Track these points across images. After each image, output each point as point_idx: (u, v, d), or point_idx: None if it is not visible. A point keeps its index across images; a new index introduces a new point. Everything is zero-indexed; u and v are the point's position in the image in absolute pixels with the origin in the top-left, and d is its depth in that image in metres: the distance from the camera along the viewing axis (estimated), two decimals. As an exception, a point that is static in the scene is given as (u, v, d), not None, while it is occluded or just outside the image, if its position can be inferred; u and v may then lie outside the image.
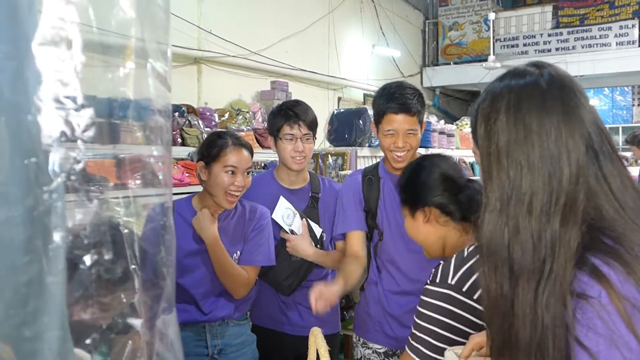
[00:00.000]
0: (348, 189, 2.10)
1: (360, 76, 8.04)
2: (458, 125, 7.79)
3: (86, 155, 0.68)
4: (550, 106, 0.84)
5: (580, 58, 8.80)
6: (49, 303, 0.56)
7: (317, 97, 6.98)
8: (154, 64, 0.66)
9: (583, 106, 0.85)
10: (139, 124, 0.69)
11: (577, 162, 0.81)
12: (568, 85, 0.87)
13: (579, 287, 0.76)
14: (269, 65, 5.94)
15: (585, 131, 0.83)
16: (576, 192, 0.80)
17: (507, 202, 0.83)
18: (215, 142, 1.93)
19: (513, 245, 0.82)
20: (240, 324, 2.05)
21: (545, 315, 0.77)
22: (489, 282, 0.86)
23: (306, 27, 6.63)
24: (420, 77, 10.19)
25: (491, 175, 0.86)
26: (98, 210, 0.68)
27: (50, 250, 0.56)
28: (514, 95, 0.86)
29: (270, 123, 2.19)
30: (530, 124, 0.83)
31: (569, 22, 9.22)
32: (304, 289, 2.16)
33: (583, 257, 0.77)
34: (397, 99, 1.90)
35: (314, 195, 2.21)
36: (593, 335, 0.73)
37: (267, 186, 2.21)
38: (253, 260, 2.01)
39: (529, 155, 0.82)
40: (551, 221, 0.79)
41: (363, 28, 8.10)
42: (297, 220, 2.13)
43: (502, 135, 0.85)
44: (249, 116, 4.93)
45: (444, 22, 10.38)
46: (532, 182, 0.81)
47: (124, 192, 0.69)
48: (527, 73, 0.89)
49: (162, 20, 0.68)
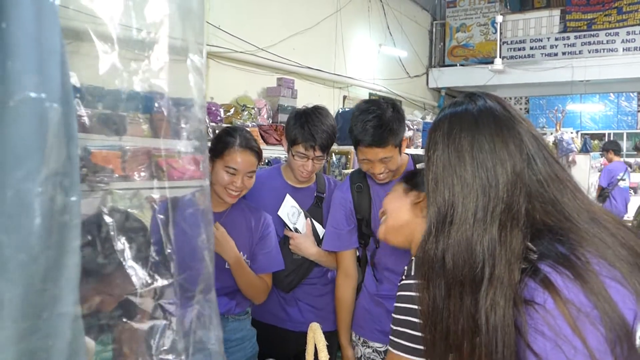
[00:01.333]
0: (337, 205, 2.08)
1: (366, 75, 8.05)
2: (462, 126, 7.80)
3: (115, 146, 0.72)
4: (482, 124, 0.90)
5: (587, 63, 8.80)
6: (65, 287, 0.58)
7: (322, 95, 6.99)
8: (193, 59, 0.69)
9: (515, 118, 0.91)
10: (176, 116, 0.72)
11: (513, 169, 0.86)
12: (500, 107, 0.93)
13: (527, 294, 0.80)
14: (276, 62, 5.96)
15: (518, 140, 0.89)
16: (514, 197, 0.85)
17: (442, 223, 0.89)
18: (222, 138, 1.92)
19: (445, 258, 0.88)
20: (240, 319, 2.06)
21: (491, 317, 0.81)
22: (422, 296, 0.93)
23: (314, 25, 6.64)
24: (426, 77, 10.19)
25: (430, 202, 0.93)
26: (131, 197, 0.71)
27: (68, 232, 0.58)
28: (448, 123, 0.93)
29: (286, 128, 2.12)
30: (462, 145, 0.89)
31: (577, 27, 9.21)
32: (304, 286, 2.19)
33: (536, 266, 0.81)
34: (368, 132, 1.83)
35: (319, 195, 2.22)
36: (540, 339, 0.77)
37: (274, 182, 2.22)
38: (268, 267, 2.05)
39: (461, 174, 0.88)
40: (488, 229, 0.85)
41: (370, 27, 8.11)
42: (302, 219, 2.15)
43: (439, 162, 0.91)
44: (254, 112, 4.95)
45: (452, 23, 10.37)
46: (465, 198, 0.87)
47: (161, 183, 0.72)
48: (460, 103, 0.96)
49: (198, 18, 0.71)
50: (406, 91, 9.20)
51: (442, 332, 0.89)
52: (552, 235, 0.84)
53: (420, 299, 0.94)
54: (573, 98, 10.25)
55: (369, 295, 2.06)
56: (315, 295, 2.21)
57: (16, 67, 0.52)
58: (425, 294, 0.92)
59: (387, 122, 1.85)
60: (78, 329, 0.60)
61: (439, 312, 0.89)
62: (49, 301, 0.55)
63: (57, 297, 0.56)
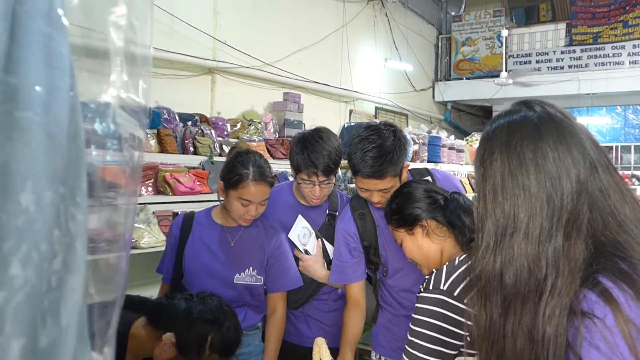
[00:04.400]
0: (339, 238, 2.03)
1: (372, 89, 8.07)
2: (468, 140, 7.79)
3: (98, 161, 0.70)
4: (544, 131, 0.86)
5: (593, 76, 8.78)
6: (69, 301, 0.57)
7: (328, 109, 7.01)
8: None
9: (576, 124, 0.89)
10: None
11: (578, 177, 0.83)
12: (559, 113, 0.90)
13: (586, 306, 0.77)
14: (282, 76, 5.99)
15: (581, 147, 0.85)
16: (578, 207, 0.82)
17: (501, 235, 0.86)
18: (236, 170, 1.90)
19: (505, 274, 0.84)
20: (248, 333, 2.05)
21: (548, 328, 0.79)
22: (479, 316, 0.89)
23: (320, 40, 6.68)
24: (432, 91, 10.20)
25: (486, 215, 0.89)
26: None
27: (73, 247, 0.58)
28: (505, 132, 0.90)
29: (290, 155, 2.10)
30: (525, 153, 0.86)
31: (582, 40, 9.22)
32: (314, 302, 2.18)
33: (595, 278, 0.78)
34: (367, 163, 1.77)
35: (332, 213, 2.20)
36: (595, 354, 0.75)
37: (286, 199, 2.21)
38: (281, 287, 2.07)
39: (524, 183, 0.85)
40: (553, 239, 0.81)
41: (376, 42, 8.15)
42: (313, 240, 2.14)
43: (497, 173, 0.88)
44: (260, 127, 4.97)
45: (457, 37, 10.41)
46: (530, 208, 0.84)
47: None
48: (516, 111, 0.92)
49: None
50: (412, 105, 9.21)
51: (500, 350, 0.85)
52: (612, 249, 0.81)
53: (476, 318, 0.90)
54: (580, 111, 10.23)
55: (390, 315, 2.02)
56: (325, 312, 2.20)
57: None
58: (483, 312, 0.88)
59: (387, 153, 1.78)
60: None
61: (497, 330, 0.85)
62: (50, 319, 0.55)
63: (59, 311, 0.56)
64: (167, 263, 2.08)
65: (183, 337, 1.59)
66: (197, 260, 2.03)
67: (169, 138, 3.76)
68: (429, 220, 1.56)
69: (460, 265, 1.45)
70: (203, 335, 1.62)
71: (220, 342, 1.64)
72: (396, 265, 1.96)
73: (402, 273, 1.95)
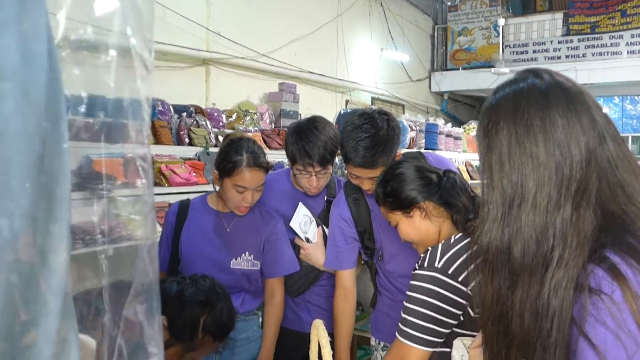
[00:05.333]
0: (334, 224, 2.03)
1: (368, 79, 8.03)
2: (465, 128, 7.78)
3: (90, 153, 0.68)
4: (552, 98, 0.83)
5: (591, 66, 8.76)
6: (52, 279, 0.55)
7: (324, 100, 6.98)
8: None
9: (585, 93, 0.86)
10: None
11: (587, 146, 0.81)
12: (567, 81, 0.87)
13: (593, 282, 0.75)
14: (277, 67, 5.95)
15: (590, 115, 0.83)
16: (588, 176, 0.80)
17: (509, 207, 0.83)
18: (230, 157, 1.89)
19: (513, 246, 0.82)
20: (246, 319, 2.06)
21: (553, 301, 0.77)
22: (485, 290, 0.87)
23: (315, 30, 6.63)
24: (429, 81, 10.18)
25: (492, 186, 0.86)
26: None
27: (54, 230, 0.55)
28: (512, 100, 0.86)
29: (285, 145, 2.08)
30: (532, 121, 0.82)
31: (580, 30, 9.18)
32: (314, 288, 2.19)
33: (602, 253, 0.77)
34: (359, 153, 1.76)
35: (330, 199, 2.18)
36: (601, 330, 0.73)
37: (282, 186, 2.20)
38: (277, 272, 2.06)
39: (532, 151, 0.82)
40: (561, 210, 0.79)
41: (372, 32, 8.10)
42: (313, 227, 2.12)
43: (503, 142, 0.84)
44: (256, 117, 4.94)
45: (453, 27, 10.36)
46: (538, 177, 0.81)
47: (132, 191, 0.69)
48: (522, 79, 0.89)
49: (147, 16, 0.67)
50: (409, 95, 9.18)
51: (506, 325, 0.83)
52: (620, 222, 0.79)
53: (482, 292, 0.88)
54: (577, 101, 10.20)
55: (389, 300, 2.01)
56: (324, 297, 2.20)
57: None
58: (489, 287, 0.86)
59: (379, 143, 1.76)
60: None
61: (504, 305, 0.83)
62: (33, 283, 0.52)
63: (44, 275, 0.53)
64: (163, 250, 2.07)
65: (175, 320, 1.57)
66: (193, 246, 2.03)
67: (164, 130, 3.74)
68: (426, 202, 1.53)
69: (455, 243, 1.44)
70: (195, 317, 1.59)
71: (213, 324, 1.61)
72: (391, 250, 1.95)
73: (399, 258, 1.94)
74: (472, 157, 7.30)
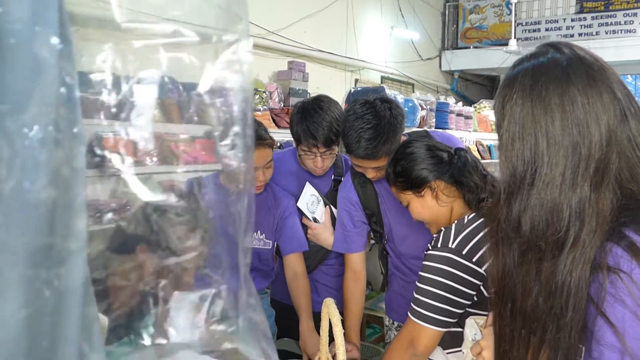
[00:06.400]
0: (341, 207, 2.01)
1: (378, 58, 7.96)
2: (476, 107, 7.70)
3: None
4: (573, 75, 0.81)
5: (604, 44, 8.60)
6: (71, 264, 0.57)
7: (334, 79, 6.93)
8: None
9: (607, 68, 0.83)
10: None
11: (607, 124, 0.79)
12: (590, 56, 0.85)
13: (612, 261, 0.75)
14: (287, 45, 5.91)
15: (612, 92, 0.81)
16: (608, 155, 0.78)
17: (520, 183, 0.82)
18: None
19: (522, 222, 0.82)
20: None
21: (569, 280, 0.77)
22: (493, 263, 0.87)
23: (324, 8, 6.56)
24: (439, 60, 10.06)
25: (505, 163, 0.85)
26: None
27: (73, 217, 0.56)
28: (530, 75, 0.84)
29: (290, 125, 2.07)
30: (551, 98, 0.81)
31: (593, 7, 9.01)
32: (322, 267, 2.19)
33: (620, 231, 0.76)
34: (361, 145, 1.72)
35: (337, 178, 2.16)
36: (620, 308, 0.73)
37: (288, 166, 2.19)
38: (293, 248, 2.05)
39: (548, 130, 0.80)
40: (578, 189, 0.78)
41: (382, 9, 8.00)
42: (321, 207, 2.12)
43: (518, 118, 0.83)
44: (265, 96, 4.92)
45: (465, 5, 10.20)
46: (552, 156, 0.80)
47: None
48: (542, 53, 0.86)
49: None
50: (419, 74, 9.10)
51: (514, 301, 0.84)
52: (639, 203, 0.78)
53: (491, 268, 0.88)
54: (589, 80, 10.06)
55: (402, 281, 2.01)
56: (333, 276, 2.21)
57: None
58: (498, 261, 0.86)
59: (381, 133, 1.71)
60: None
61: (511, 280, 0.83)
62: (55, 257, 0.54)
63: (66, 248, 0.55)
64: None
65: None
66: None
67: (173, 107, 3.74)
68: (437, 181, 1.51)
69: (469, 223, 1.43)
70: None
71: None
72: (400, 232, 1.95)
73: (409, 241, 1.93)
74: (482, 136, 7.23)
